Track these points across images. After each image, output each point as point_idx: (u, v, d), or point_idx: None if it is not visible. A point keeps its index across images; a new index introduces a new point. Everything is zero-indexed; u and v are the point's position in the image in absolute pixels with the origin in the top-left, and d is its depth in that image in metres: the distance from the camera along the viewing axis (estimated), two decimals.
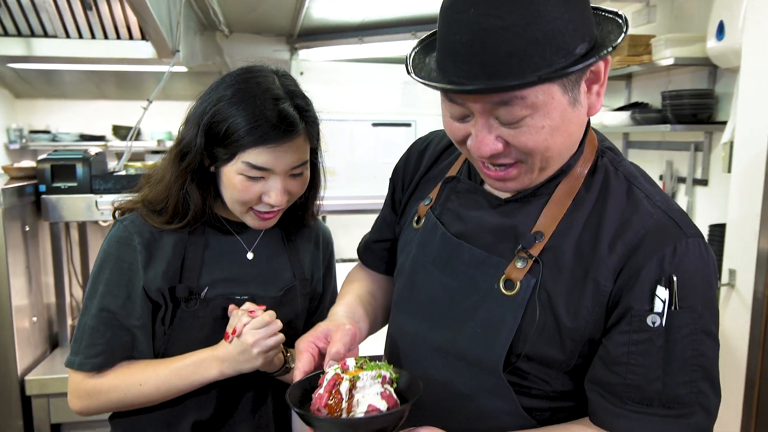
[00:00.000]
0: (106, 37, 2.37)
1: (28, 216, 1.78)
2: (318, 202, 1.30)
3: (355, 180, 4.36)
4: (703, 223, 2.82)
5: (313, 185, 1.23)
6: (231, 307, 1.10)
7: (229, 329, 1.05)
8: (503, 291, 0.85)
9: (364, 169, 3.80)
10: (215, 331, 1.10)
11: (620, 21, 0.79)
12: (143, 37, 2.34)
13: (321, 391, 0.81)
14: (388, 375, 0.84)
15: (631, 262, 0.80)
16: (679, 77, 3.05)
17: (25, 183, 1.79)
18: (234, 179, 1.06)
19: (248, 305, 1.09)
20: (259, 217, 1.11)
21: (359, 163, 3.89)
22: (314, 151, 1.16)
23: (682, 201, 3.02)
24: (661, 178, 3.18)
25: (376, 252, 1.18)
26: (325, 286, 1.31)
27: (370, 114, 4.95)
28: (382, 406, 0.80)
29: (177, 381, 1.05)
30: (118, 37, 2.37)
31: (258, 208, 1.09)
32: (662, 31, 3.18)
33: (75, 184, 1.84)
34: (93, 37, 2.37)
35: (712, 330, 0.82)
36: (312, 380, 0.88)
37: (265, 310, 1.08)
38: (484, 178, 0.88)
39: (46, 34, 2.38)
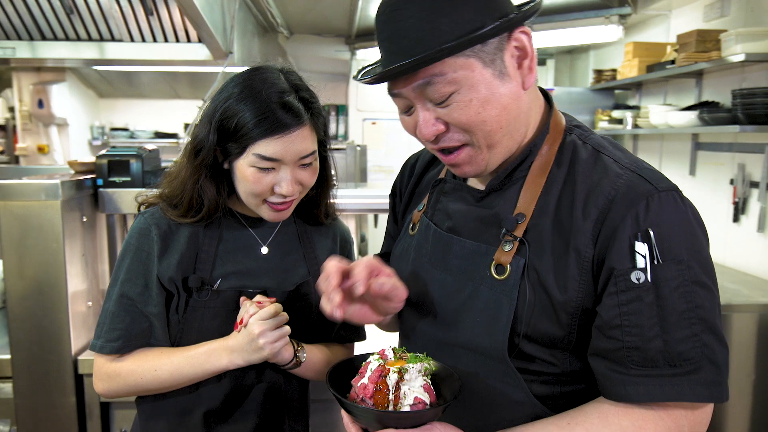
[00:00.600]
0: (165, 40, 2.50)
1: (86, 207, 1.91)
2: (332, 200, 1.32)
3: None
4: None
5: (324, 181, 1.26)
6: (242, 298, 1.14)
7: (238, 319, 1.09)
8: (495, 276, 0.87)
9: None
10: (227, 323, 1.14)
11: (536, 3, 0.86)
12: (199, 40, 2.45)
13: (365, 381, 0.81)
14: (428, 367, 0.85)
15: (607, 224, 0.81)
16: (754, 75, 2.84)
17: (84, 177, 1.93)
18: (246, 172, 1.10)
19: (257, 297, 1.13)
20: (273, 208, 1.14)
21: None
22: (322, 144, 1.19)
23: (754, 207, 2.81)
24: (732, 182, 2.97)
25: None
26: None
27: None
28: (426, 398, 0.81)
29: (189, 368, 1.10)
30: (177, 40, 2.50)
31: (271, 199, 1.13)
32: (736, 25, 2.97)
33: (129, 179, 1.96)
34: (154, 40, 2.51)
35: (703, 281, 0.79)
36: (346, 365, 0.89)
37: (275, 303, 1.12)
38: (448, 167, 0.94)
39: (113, 39, 2.54)
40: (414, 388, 0.80)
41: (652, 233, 0.78)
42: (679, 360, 0.78)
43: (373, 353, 0.86)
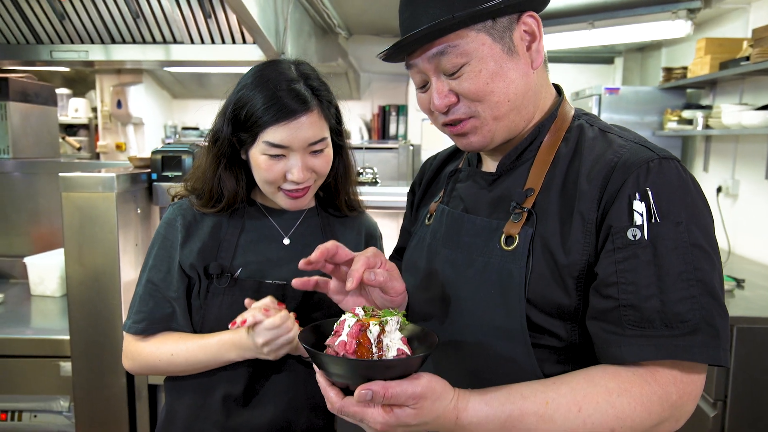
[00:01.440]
0: (223, 41, 2.61)
1: (140, 200, 2.02)
2: (354, 191, 1.33)
3: None
4: None
5: (343, 169, 1.27)
6: (247, 300, 1.15)
7: (238, 319, 1.10)
8: (504, 248, 0.90)
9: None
10: (245, 311, 1.17)
11: None
12: (254, 42, 2.54)
13: (345, 338, 0.79)
14: (404, 320, 0.86)
15: (609, 187, 0.84)
16: None
17: (141, 171, 2.05)
18: (258, 160, 1.14)
19: (266, 301, 1.13)
20: (288, 195, 1.17)
21: None
22: (337, 133, 1.21)
23: None
24: None
25: (397, 259, 1.25)
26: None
27: None
28: (407, 350, 0.81)
29: (202, 356, 1.15)
30: (233, 42, 2.60)
31: (285, 186, 1.16)
32: None
33: (180, 173, 2.06)
34: (212, 42, 2.62)
35: (702, 244, 0.79)
36: (320, 328, 0.87)
37: (292, 305, 1.14)
38: (455, 141, 0.99)
39: (175, 41, 2.67)
40: (395, 341, 0.80)
41: (650, 192, 0.80)
42: (676, 321, 0.77)
43: (344, 313, 0.85)
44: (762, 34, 2.79)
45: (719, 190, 3.61)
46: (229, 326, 1.10)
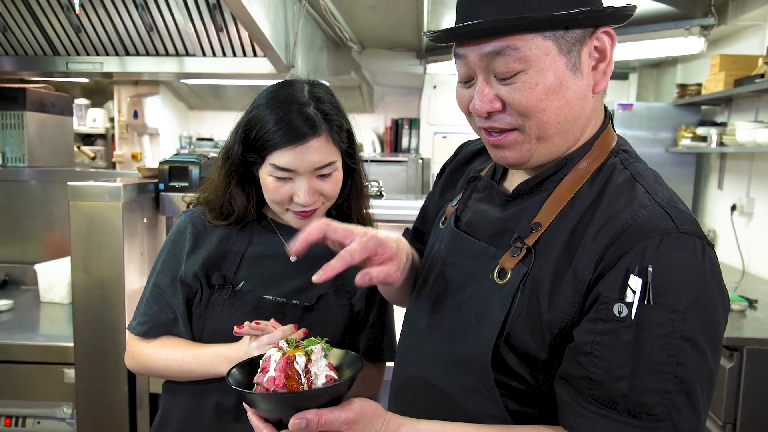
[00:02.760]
0: (234, 54, 2.64)
1: (147, 210, 2.05)
2: (366, 211, 1.33)
3: None
4: None
5: (356, 191, 1.27)
6: (242, 328, 1.12)
7: (245, 324, 1.09)
8: (496, 280, 0.85)
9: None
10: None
11: (630, 6, 0.80)
12: (264, 55, 2.57)
13: (273, 373, 0.80)
14: (328, 346, 0.86)
15: (612, 251, 0.76)
16: None
17: (148, 181, 2.07)
18: (266, 181, 1.15)
19: (274, 321, 1.12)
20: (297, 215, 1.18)
21: None
22: (349, 156, 1.21)
23: None
24: None
25: (411, 232, 1.25)
26: (369, 306, 1.31)
27: None
28: (334, 375, 0.82)
29: (195, 366, 1.16)
30: (244, 55, 2.64)
31: (292, 207, 1.17)
32: None
33: (187, 184, 2.08)
34: (224, 54, 2.66)
35: (697, 339, 0.71)
36: (249, 365, 0.88)
37: (286, 321, 1.13)
38: (489, 151, 0.90)
39: (187, 54, 2.72)
40: (322, 368, 0.81)
41: (651, 270, 0.72)
42: (640, 411, 0.71)
43: (268, 349, 0.86)
44: None
45: (734, 208, 3.55)
46: (235, 328, 1.09)
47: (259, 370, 0.84)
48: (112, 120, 5.48)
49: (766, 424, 2.12)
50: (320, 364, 0.82)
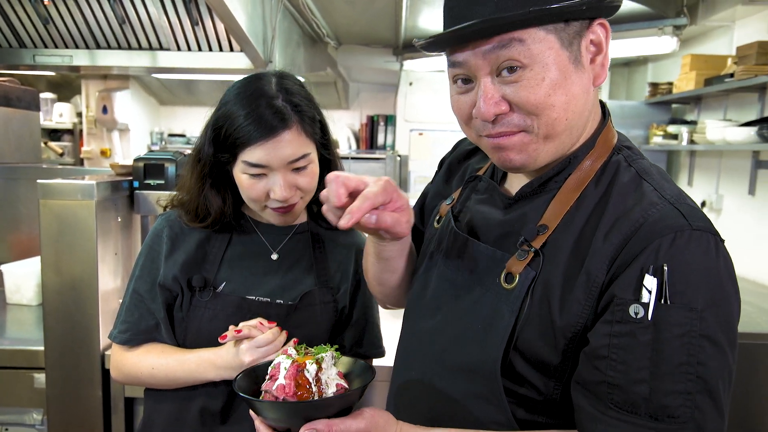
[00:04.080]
0: (210, 49, 2.58)
1: (121, 208, 1.99)
2: None
3: None
4: None
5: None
6: (229, 330, 1.10)
7: (229, 332, 1.07)
8: (503, 285, 0.82)
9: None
10: (224, 327, 1.13)
11: None
12: (241, 49, 2.52)
13: (282, 381, 0.78)
14: (338, 354, 0.85)
15: (626, 251, 0.74)
16: None
17: (122, 179, 2.01)
18: (240, 179, 1.11)
19: (259, 319, 1.11)
20: (276, 211, 1.15)
21: None
22: (324, 147, 1.18)
23: None
24: None
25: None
26: (353, 302, 1.29)
27: None
28: (344, 384, 0.81)
29: (181, 374, 1.13)
30: (220, 49, 2.58)
31: (270, 204, 1.13)
32: None
33: (163, 182, 2.03)
34: (199, 49, 2.60)
35: (716, 338, 0.70)
36: (255, 373, 0.86)
37: (277, 323, 1.11)
38: (490, 155, 0.86)
39: (161, 48, 2.64)
40: (332, 377, 0.79)
41: (666, 269, 0.70)
42: (662, 414, 0.69)
43: (276, 355, 0.84)
44: (746, 51, 2.83)
45: (703, 204, 3.64)
46: (219, 339, 1.07)
47: (268, 377, 0.82)
48: (79, 115, 5.33)
49: (739, 416, 2.17)
50: (330, 373, 0.80)
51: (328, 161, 1.21)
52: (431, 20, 3.44)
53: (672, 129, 3.80)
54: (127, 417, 1.91)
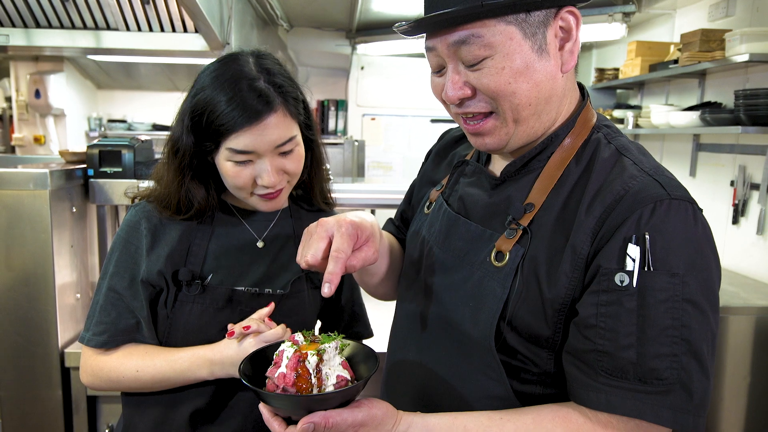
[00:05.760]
0: (162, 29, 2.46)
1: (76, 198, 1.87)
2: (328, 185, 1.29)
3: (411, 175, 4.44)
4: None
5: (314, 163, 1.22)
6: (235, 327, 1.06)
7: (236, 328, 1.03)
8: (494, 263, 0.85)
9: (420, 165, 3.90)
10: (213, 321, 1.11)
11: None
12: (195, 30, 2.41)
13: (283, 369, 0.79)
14: (343, 344, 0.84)
15: (608, 223, 0.77)
16: (758, 75, 2.81)
17: (75, 167, 1.89)
18: (225, 167, 1.06)
19: (265, 312, 1.07)
20: (263, 198, 1.10)
21: (416, 159, 3.89)
22: (308, 127, 1.15)
23: (754, 210, 2.78)
24: (732, 183, 2.94)
25: (393, 220, 1.24)
26: (340, 286, 1.27)
27: (428, 110, 4.92)
28: (347, 375, 0.80)
29: (171, 374, 1.07)
30: (173, 30, 2.47)
31: (257, 191, 1.09)
32: (741, 25, 2.93)
33: (120, 170, 1.93)
34: (150, 29, 2.47)
35: (698, 301, 0.73)
36: (258, 358, 0.85)
37: (270, 307, 1.08)
38: (468, 137, 0.91)
39: (108, 27, 2.50)
40: (334, 367, 0.79)
41: (648, 237, 0.74)
42: (650, 377, 0.73)
43: (283, 341, 0.84)
44: (690, 39, 2.96)
45: None
46: (227, 336, 1.03)
47: (272, 363, 0.81)
48: (8, 99, 4.98)
49: None
50: (332, 363, 0.80)
51: (311, 141, 1.18)
52: (386, 3, 3.41)
53: (618, 113, 3.94)
54: (90, 417, 1.82)
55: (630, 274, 0.74)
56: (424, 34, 0.86)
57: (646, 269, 0.73)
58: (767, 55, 2.49)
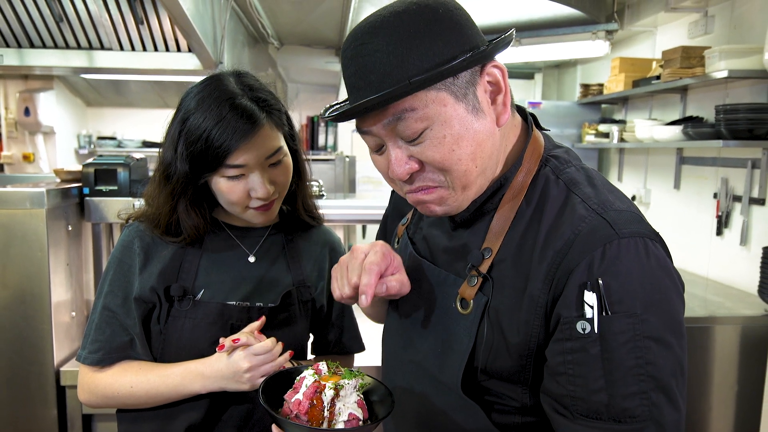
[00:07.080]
0: (155, 49, 2.50)
1: (71, 216, 1.89)
2: (312, 198, 1.32)
3: None
4: (758, 245, 2.65)
5: (298, 173, 1.24)
6: (225, 340, 1.08)
7: (226, 341, 1.05)
8: (459, 310, 0.86)
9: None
10: (205, 336, 1.13)
11: (508, 35, 0.82)
12: (189, 49, 2.45)
13: (300, 396, 0.81)
14: (363, 383, 0.86)
15: (561, 269, 0.77)
16: (736, 91, 2.90)
17: (70, 186, 1.91)
18: (219, 185, 1.09)
19: (256, 326, 1.10)
20: (257, 210, 1.14)
21: None
22: (291, 138, 1.19)
23: (737, 221, 2.85)
24: (715, 196, 3.01)
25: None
26: (331, 300, 1.30)
27: None
28: (360, 414, 0.81)
29: (164, 389, 1.09)
30: (167, 49, 2.50)
31: (252, 204, 1.12)
32: (720, 42, 3.03)
33: (116, 188, 1.94)
34: (144, 49, 2.50)
35: (660, 336, 0.74)
36: (282, 378, 0.88)
37: (263, 324, 1.11)
38: (415, 206, 0.88)
39: (102, 47, 2.53)
40: (348, 404, 0.81)
41: (601, 283, 0.74)
42: (624, 416, 0.74)
43: (307, 368, 0.86)
44: (671, 55, 3.05)
45: (633, 198, 3.88)
46: (217, 349, 1.05)
47: (293, 387, 0.83)
48: None
49: None
50: (348, 400, 0.81)
51: (294, 151, 1.21)
52: None
53: (603, 128, 4.03)
54: None
55: (590, 321, 0.74)
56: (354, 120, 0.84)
57: (604, 314, 0.74)
58: (745, 71, 2.57)
